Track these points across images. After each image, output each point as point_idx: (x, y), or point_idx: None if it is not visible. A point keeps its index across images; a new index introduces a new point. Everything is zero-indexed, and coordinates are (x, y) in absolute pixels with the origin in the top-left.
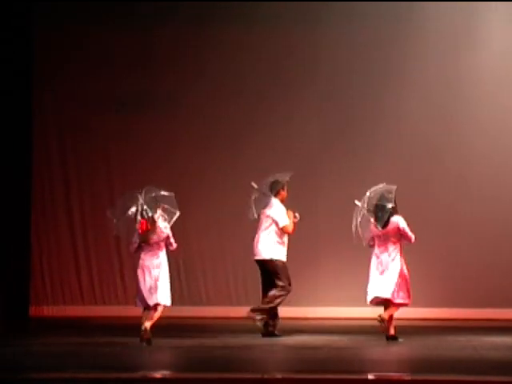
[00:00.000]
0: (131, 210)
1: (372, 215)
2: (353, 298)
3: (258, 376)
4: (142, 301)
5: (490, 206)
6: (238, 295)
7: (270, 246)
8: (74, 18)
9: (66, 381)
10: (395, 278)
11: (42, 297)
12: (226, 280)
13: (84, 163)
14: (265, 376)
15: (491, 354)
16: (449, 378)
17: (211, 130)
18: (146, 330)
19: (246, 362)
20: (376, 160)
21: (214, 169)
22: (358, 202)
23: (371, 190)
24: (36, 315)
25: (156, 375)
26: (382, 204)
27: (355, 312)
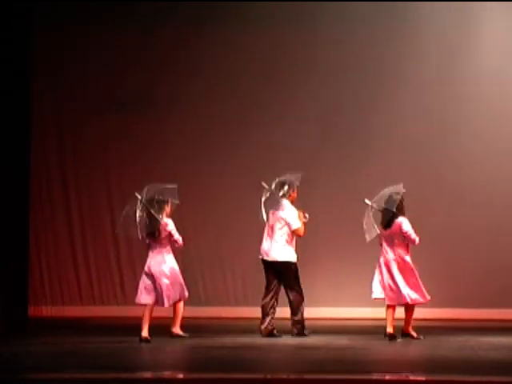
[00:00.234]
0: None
1: (380, 214)
2: (351, 298)
3: (256, 376)
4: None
5: (488, 207)
6: (236, 296)
7: (283, 248)
8: (73, 18)
9: (65, 381)
10: (407, 280)
11: (41, 297)
12: (224, 280)
13: (82, 163)
14: (264, 376)
15: (489, 355)
16: (447, 379)
17: (209, 131)
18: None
19: (244, 363)
20: (370, 160)
21: (211, 169)
22: (368, 201)
23: (382, 191)
24: (35, 315)
25: (155, 375)
26: (387, 205)
27: (354, 312)
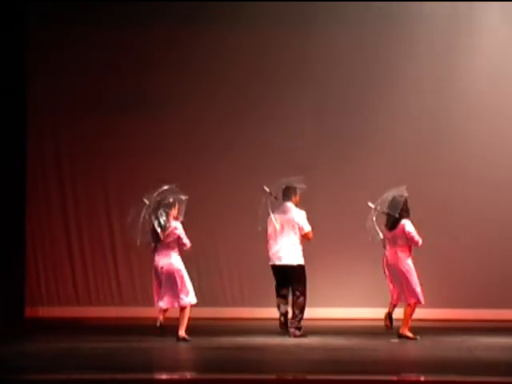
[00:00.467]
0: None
1: (384, 216)
2: (349, 299)
3: (255, 377)
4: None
5: (486, 207)
6: (233, 296)
7: (295, 252)
8: (66, 19)
9: (62, 382)
10: (407, 282)
11: (38, 298)
12: (221, 281)
13: (79, 163)
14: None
15: (486, 355)
16: (444, 379)
17: (207, 132)
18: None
19: (242, 363)
20: (370, 160)
21: (208, 169)
22: (371, 204)
23: (386, 194)
24: (31, 316)
25: (151, 376)
26: (391, 207)
27: (351, 313)
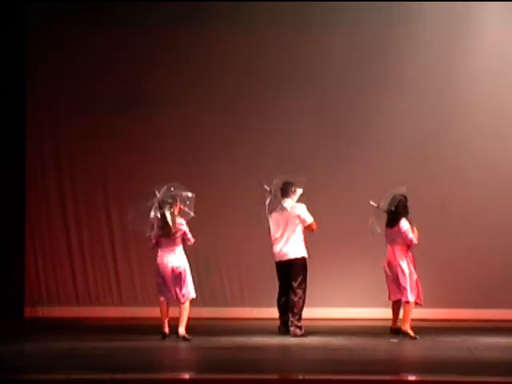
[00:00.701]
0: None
1: (385, 215)
2: (349, 299)
3: (254, 377)
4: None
5: (486, 207)
6: (233, 296)
7: (298, 245)
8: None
9: (62, 382)
10: (404, 281)
11: (37, 298)
12: (221, 281)
13: (78, 163)
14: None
15: (486, 355)
16: (444, 379)
17: (206, 131)
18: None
19: (241, 363)
20: (369, 160)
21: (207, 168)
22: (373, 202)
23: (388, 193)
24: (31, 316)
25: (151, 376)
26: (390, 205)
27: (352, 313)
